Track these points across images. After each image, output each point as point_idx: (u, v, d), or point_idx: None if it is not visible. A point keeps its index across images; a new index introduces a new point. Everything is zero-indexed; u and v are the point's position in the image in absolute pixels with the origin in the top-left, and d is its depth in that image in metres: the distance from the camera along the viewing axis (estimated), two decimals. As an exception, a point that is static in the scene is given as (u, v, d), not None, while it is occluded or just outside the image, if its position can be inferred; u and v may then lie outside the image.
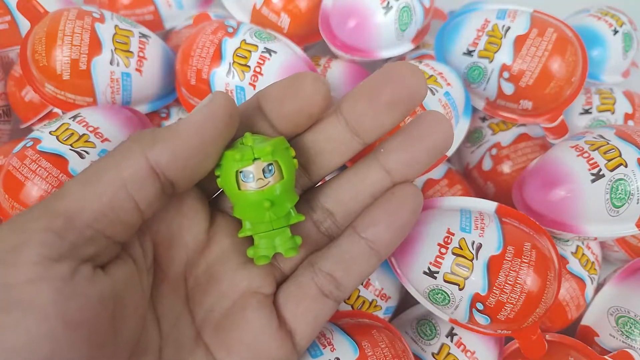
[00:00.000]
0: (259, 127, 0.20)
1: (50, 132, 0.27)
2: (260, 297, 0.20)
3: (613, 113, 0.36)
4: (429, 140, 0.19)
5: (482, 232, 0.25)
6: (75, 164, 0.26)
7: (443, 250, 0.25)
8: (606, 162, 0.27)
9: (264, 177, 0.18)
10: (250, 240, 0.20)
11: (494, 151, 0.36)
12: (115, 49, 0.31)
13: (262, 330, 0.19)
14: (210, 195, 0.21)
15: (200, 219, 0.20)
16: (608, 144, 0.28)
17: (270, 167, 0.18)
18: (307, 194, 0.21)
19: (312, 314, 0.20)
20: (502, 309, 0.24)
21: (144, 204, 0.17)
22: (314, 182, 0.21)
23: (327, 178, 0.22)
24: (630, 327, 0.28)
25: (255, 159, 0.17)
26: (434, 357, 0.27)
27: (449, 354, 0.27)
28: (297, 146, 0.20)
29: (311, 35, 0.38)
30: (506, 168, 0.35)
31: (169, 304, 0.19)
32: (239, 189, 0.18)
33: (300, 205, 0.21)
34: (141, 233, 0.19)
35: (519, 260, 0.24)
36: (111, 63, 0.31)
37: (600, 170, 0.27)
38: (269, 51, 0.31)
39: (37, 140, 0.27)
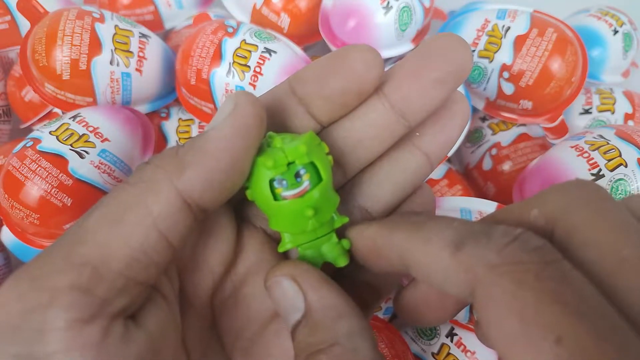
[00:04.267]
0: (292, 117, 0.17)
1: (50, 132, 0.27)
2: None
3: (613, 113, 0.36)
4: (458, 118, 0.18)
5: (482, 232, 0.25)
6: (75, 164, 0.26)
7: (443, 250, 0.25)
8: (606, 162, 0.27)
9: (302, 181, 0.16)
10: (283, 255, 0.18)
11: (494, 151, 0.36)
12: (115, 49, 0.31)
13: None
14: (234, 204, 0.18)
15: (227, 237, 0.17)
16: (608, 144, 0.28)
17: (303, 172, 0.16)
18: (340, 192, 0.19)
19: None
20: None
21: (176, 240, 0.15)
22: (349, 177, 0.19)
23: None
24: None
25: (289, 163, 0.15)
26: (434, 357, 0.27)
27: (449, 354, 0.27)
28: (330, 138, 0.18)
29: (311, 35, 0.38)
30: (506, 168, 0.35)
31: (197, 335, 0.17)
32: (275, 199, 0.16)
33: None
34: None
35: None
36: (111, 63, 0.31)
37: (600, 170, 0.27)
38: (269, 51, 0.31)
39: (37, 140, 0.27)
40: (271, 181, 0.15)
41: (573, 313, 0.11)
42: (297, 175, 0.15)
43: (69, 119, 0.28)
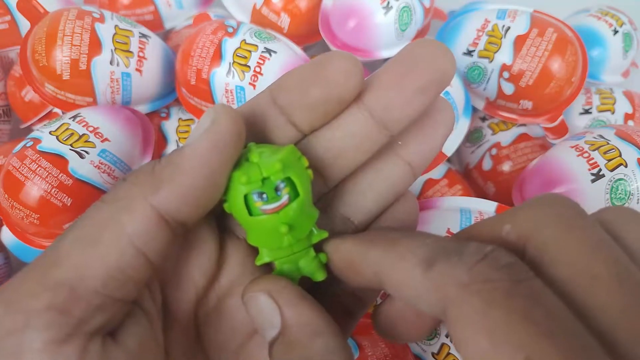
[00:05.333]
0: (273, 127, 0.17)
1: (50, 132, 0.27)
2: None
3: (613, 113, 0.36)
4: (442, 127, 0.18)
5: (482, 232, 0.25)
6: (75, 164, 0.26)
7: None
8: (606, 162, 0.27)
9: (277, 197, 0.15)
10: (266, 265, 0.18)
11: (494, 151, 0.36)
12: (115, 49, 0.31)
13: None
14: (216, 215, 0.18)
15: (209, 249, 0.17)
16: (608, 144, 0.28)
17: (282, 186, 0.15)
18: (322, 201, 0.19)
19: None
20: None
21: (155, 255, 0.15)
22: (331, 186, 0.19)
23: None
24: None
25: (264, 178, 0.15)
26: (434, 357, 0.27)
27: (448, 354, 0.27)
28: (312, 148, 0.17)
29: (311, 35, 0.38)
30: (506, 168, 0.35)
31: (181, 349, 0.17)
32: (251, 214, 0.15)
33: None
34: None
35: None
36: (111, 63, 0.31)
37: (600, 170, 0.27)
38: (269, 51, 0.31)
39: (37, 140, 0.27)
40: (246, 196, 0.15)
41: (542, 332, 0.11)
42: (277, 189, 0.15)
43: (69, 119, 0.28)
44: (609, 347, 0.11)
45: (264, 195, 0.15)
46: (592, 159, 0.27)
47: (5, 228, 0.29)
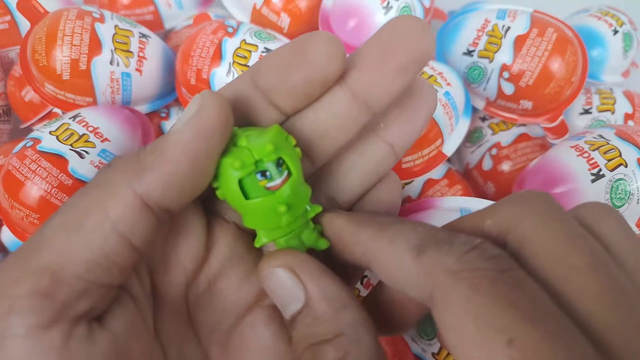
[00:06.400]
0: (256, 109, 0.17)
1: (50, 132, 0.27)
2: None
3: (613, 113, 0.36)
4: (423, 109, 0.18)
5: (482, 232, 0.25)
6: (75, 164, 0.26)
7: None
8: (606, 162, 0.27)
9: (271, 178, 0.15)
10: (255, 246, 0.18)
11: (494, 151, 0.36)
12: (115, 49, 0.31)
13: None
14: (203, 199, 0.18)
15: (196, 233, 0.17)
16: (608, 144, 0.28)
17: (275, 166, 0.15)
18: (308, 181, 0.18)
19: None
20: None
21: (139, 241, 0.14)
22: (317, 167, 0.19)
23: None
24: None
25: (257, 161, 0.15)
26: (434, 357, 0.27)
27: (449, 354, 0.27)
28: (296, 129, 0.17)
29: (311, 35, 0.38)
30: (506, 168, 0.35)
31: (172, 330, 0.17)
32: (246, 198, 0.15)
33: None
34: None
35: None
36: (111, 63, 0.31)
37: (600, 170, 0.27)
38: (269, 51, 0.31)
39: (37, 140, 0.27)
40: (241, 181, 0.15)
41: (525, 316, 0.11)
42: (271, 172, 0.16)
43: (69, 119, 0.28)
44: (585, 332, 0.12)
45: (268, 173, 0.15)
46: (592, 159, 0.27)
47: (5, 228, 0.29)
